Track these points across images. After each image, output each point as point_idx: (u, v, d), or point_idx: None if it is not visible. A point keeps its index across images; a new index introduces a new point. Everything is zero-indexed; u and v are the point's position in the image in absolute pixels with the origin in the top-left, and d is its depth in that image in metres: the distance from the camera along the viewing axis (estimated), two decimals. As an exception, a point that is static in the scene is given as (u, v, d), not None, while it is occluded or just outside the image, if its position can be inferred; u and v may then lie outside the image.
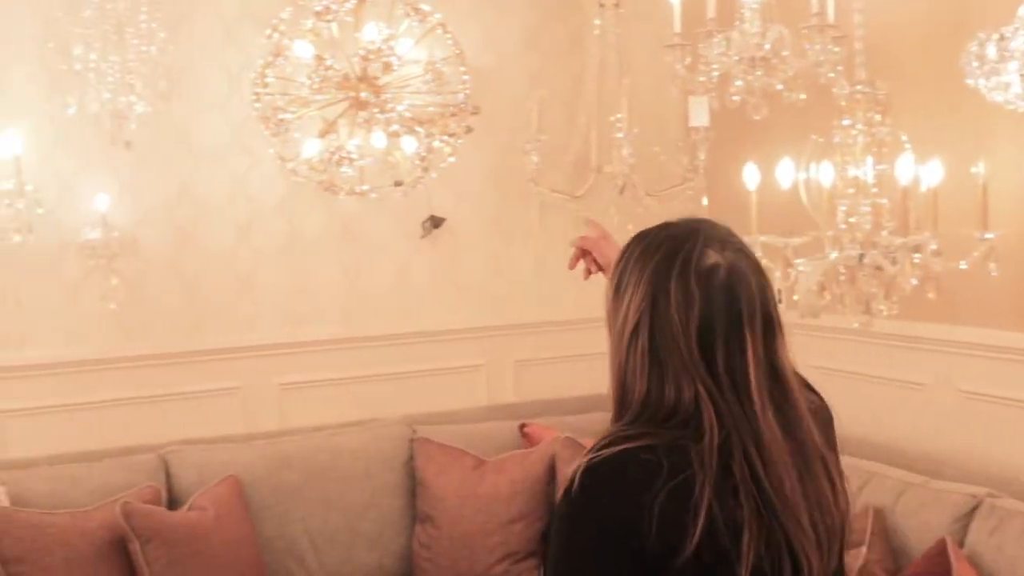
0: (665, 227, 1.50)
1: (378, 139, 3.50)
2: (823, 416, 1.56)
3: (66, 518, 3.21)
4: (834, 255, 2.80)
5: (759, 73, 3.31)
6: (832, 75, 3.10)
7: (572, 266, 2.14)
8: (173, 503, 3.57)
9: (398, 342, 4.33)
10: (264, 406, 4.13)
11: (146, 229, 3.94)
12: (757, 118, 3.33)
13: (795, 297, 3.00)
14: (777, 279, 2.89)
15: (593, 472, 1.39)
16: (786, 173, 2.89)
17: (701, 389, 1.39)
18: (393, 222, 4.31)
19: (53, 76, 3.71)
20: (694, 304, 1.40)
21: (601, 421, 1.58)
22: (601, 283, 1.62)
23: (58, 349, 3.84)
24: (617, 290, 1.48)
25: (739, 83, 3.32)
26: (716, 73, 3.38)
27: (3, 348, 3.77)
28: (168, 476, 3.63)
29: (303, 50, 3.52)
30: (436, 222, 4.33)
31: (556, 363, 4.54)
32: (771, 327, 1.44)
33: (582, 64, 4.27)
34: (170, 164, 3.97)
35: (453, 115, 3.66)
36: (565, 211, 4.21)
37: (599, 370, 1.74)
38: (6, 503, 3.28)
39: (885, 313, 2.79)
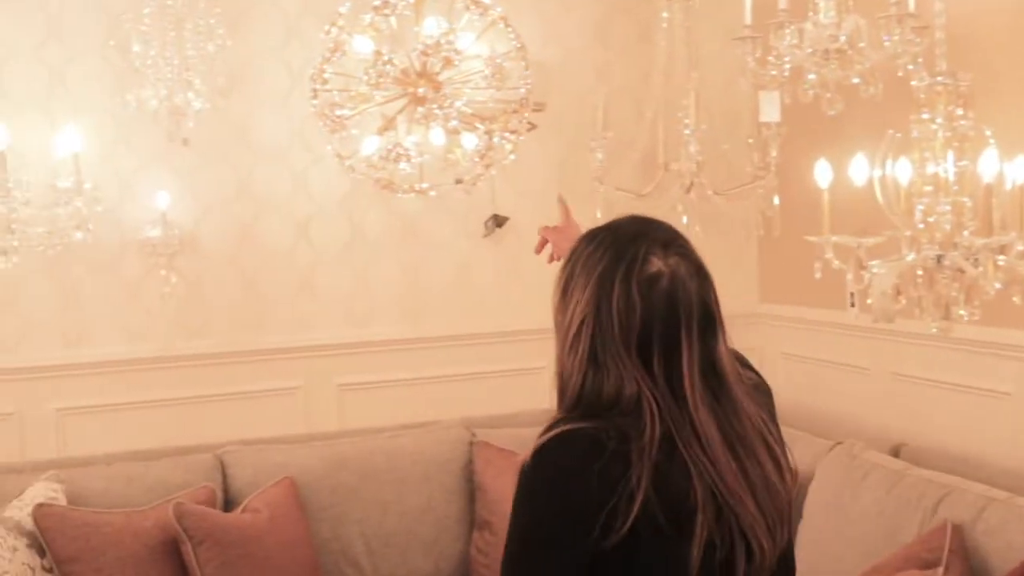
0: (612, 229, 1.57)
1: (436, 136, 3.42)
2: (763, 390, 1.69)
3: (121, 518, 3.19)
4: (911, 257, 2.65)
5: (833, 66, 3.18)
6: (911, 67, 2.94)
7: (538, 251, 2.30)
8: (229, 503, 3.53)
9: (459, 343, 4.26)
10: (323, 407, 4.09)
11: (206, 227, 3.92)
12: (831, 113, 3.19)
13: (868, 300, 2.85)
14: (849, 282, 2.74)
15: (543, 452, 1.48)
16: (860, 170, 2.74)
17: (642, 386, 1.49)
18: (455, 221, 4.23)
19: (116, 73, 3.71)
20: (635, 311, 1.49)
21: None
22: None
23: (118, 347, 3.84)
24: (564, 291, 1.58)
25: (812, 77, 3.19)
26: (788, 66, 3.26)
27: (64, 346, 3.78)
28: (224, 476, 3.59)
29: (362, 45, 3.45)
30: (499, 221, 4.24)
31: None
32: (710, 325, 1.53)
33: (650, 58, 4.16)
34: (230, 161, 3.94)
35: (514, 111, 3.57)
36: (630, 210, 4.08)
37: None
38: (63, 502, 3.27)
39: (966, 318, 2.63)
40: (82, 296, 3.80)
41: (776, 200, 3.94)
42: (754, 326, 4.60)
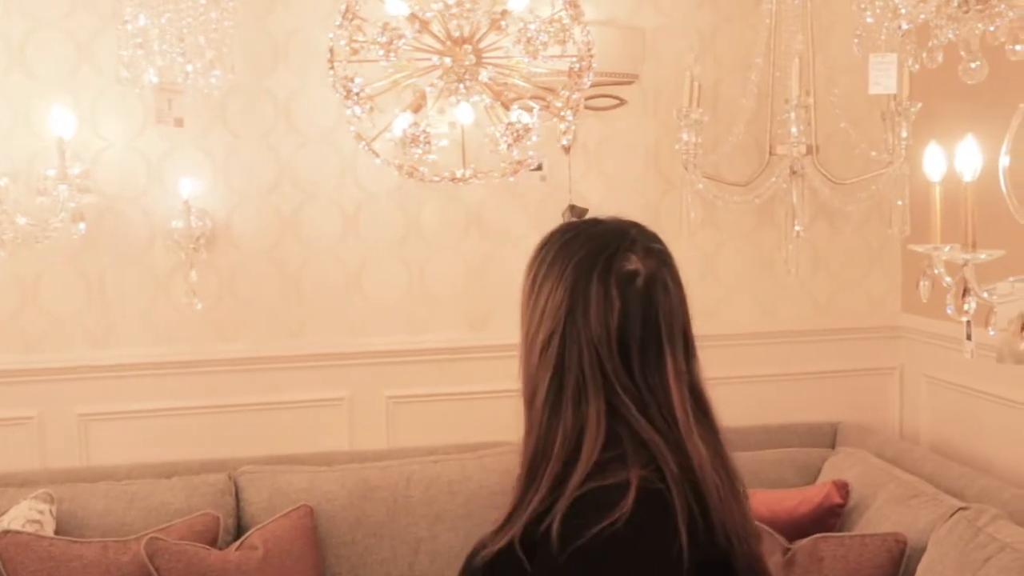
0: (594, 223, 1.45)
1: (463, 113, 2.87)
2: None
3: (96, 549, 2.82)
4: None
5: (975, 19, 2.46)
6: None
7: None
8: (242, 532, 3.13)
9: (530, 353, 3.69)
10: (370, 422, 3.62)
11: (241, 217, 3.51)
12: (971, 82, 2.46)
13: (991, 332, 2.13)
14: (951, 310, 2.03)
15: None
16: (969, 158, 2.01)
17: (627, 403, 1.32)
18: (527, 212, 3.67)
19: (143, 52, 3.34)
20: (614, 310, 1.34)
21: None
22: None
23: (146, 348, 3.49)
24: (533, 286, 1.42)
25: (950, 35, 2.48)
26: (905, 24, 2.56)
27: (89, 346, 3.46)
28: (238, 501, 3.19)
29: (395, 7, 2.94)
30: (578, 212, 3.63)
31: (720, 385, 3.75)
32: (689, 347, 1.38)
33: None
34: (270, 144, 3.52)
35: (571, 88, 2.97)
36: (724, 201, 3.42)
37: (769, 396, 1.67)
38: (49, 525, 2.94)
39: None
40: (109, 292, 3.46)
41: (906, 192, 3.19)
42: (893, 342, 3.84)
